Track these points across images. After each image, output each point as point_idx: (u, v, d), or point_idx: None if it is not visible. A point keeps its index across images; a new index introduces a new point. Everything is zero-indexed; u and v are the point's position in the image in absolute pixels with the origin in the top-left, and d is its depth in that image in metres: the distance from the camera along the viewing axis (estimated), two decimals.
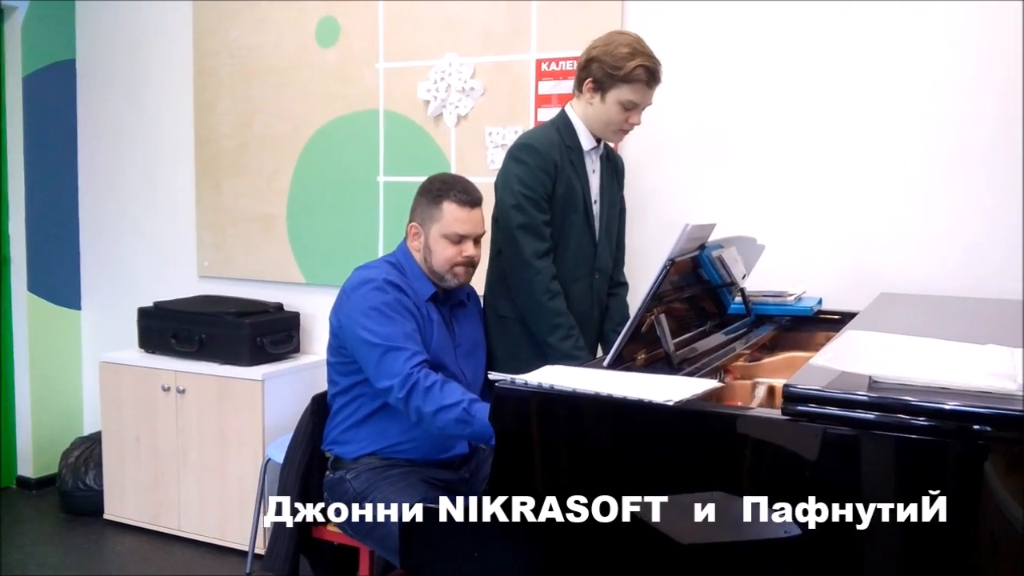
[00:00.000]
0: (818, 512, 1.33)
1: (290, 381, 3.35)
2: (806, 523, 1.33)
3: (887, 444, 1.29)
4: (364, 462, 2.22)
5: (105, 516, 3.59)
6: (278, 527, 2.29)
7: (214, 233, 3.76)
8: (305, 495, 2.30)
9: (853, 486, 1.32)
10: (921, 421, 1.27)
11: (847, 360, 1.47)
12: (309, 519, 2.30)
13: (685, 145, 2.91)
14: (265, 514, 3.01)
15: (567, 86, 2.91)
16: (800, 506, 1.34)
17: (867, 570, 1.33)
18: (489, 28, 3.14)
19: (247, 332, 3.32)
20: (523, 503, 1.57)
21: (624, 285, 2.63)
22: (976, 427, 1.23)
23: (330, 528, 2.32)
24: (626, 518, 1.46)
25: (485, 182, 2.56)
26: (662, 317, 1.82)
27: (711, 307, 2.23)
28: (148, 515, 3.49)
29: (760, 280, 2.54)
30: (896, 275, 2.65)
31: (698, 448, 1.43)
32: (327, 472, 2.28)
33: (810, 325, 2.45)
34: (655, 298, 1.78)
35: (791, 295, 2.51)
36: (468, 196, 2.26)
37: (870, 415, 1.30)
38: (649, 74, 2.29)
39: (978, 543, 1.27)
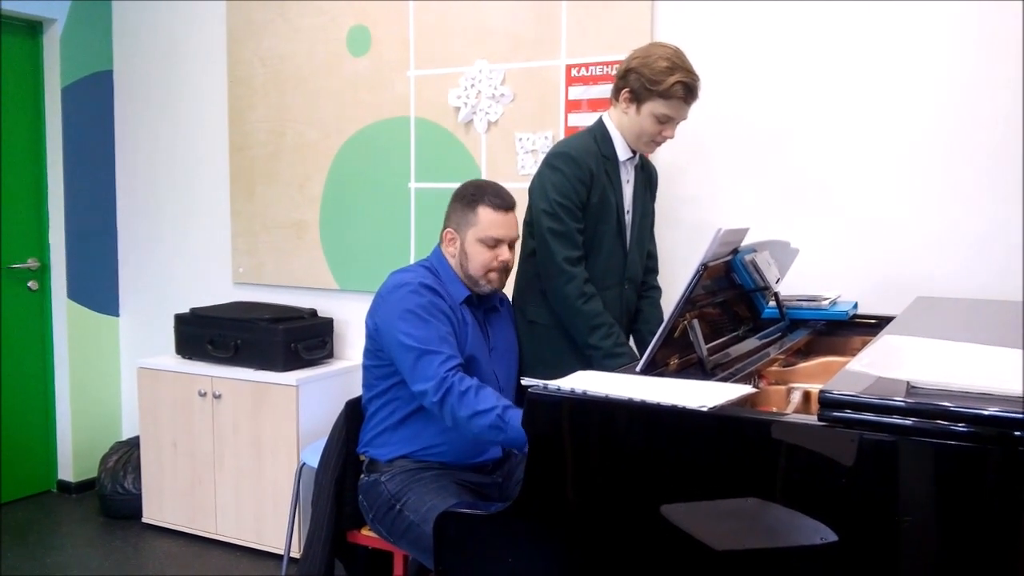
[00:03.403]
0: (855, 519, 1.32)
1: (324, 386, 3.38)
2: (842, 530, 1.32)
3: (925, 451, 1.28)
4: (398, 464, 2.23)
5: (143, 520, 3.65)
6: (313, 531, 2.31)
7: (248, 240, 3.81)
8: (340, 499, 2.32)
9: (890, 493, 1.30)
10: (960, 427, 1.25)
11: (884, 365, 1.45)
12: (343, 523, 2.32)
13: (718, 150, 2.90)
14: (300, 518, 3.04)
15: (597, 91, 2.92)
16: (836, 513, 1.32)
17: None
18: (519, 34, 3.15)
19: (281, 338, 3.36)
20: (556, 508, 1.57)
21: (657, 289, 2.63)
22: (1017, 433, 1.22)
23: (364, 532, 2.33)
24: (660, 525, 1.46)
25: (516, 187, 2.57)
26: (695, 322, 1.82)
27: (745, 312, 2.22)
28: (185, 519, 3.54)
29: (794, 284, 2.52)
30: (933, 279, 2.62)
31: (732, 454, 1.42)
32: (361, 475, 2.30)
33: (846, 330, 2.42)
34: (688, 303, 1.77)
35: (826, 299, 2.49)
36: (502, 200, 2.28)
37: (908, 421, 1.28)
38: (687, 90, 2.28)
39: (1019, 551, 1.25)
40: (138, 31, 4.04)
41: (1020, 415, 1.22)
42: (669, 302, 2.46)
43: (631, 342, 2.54)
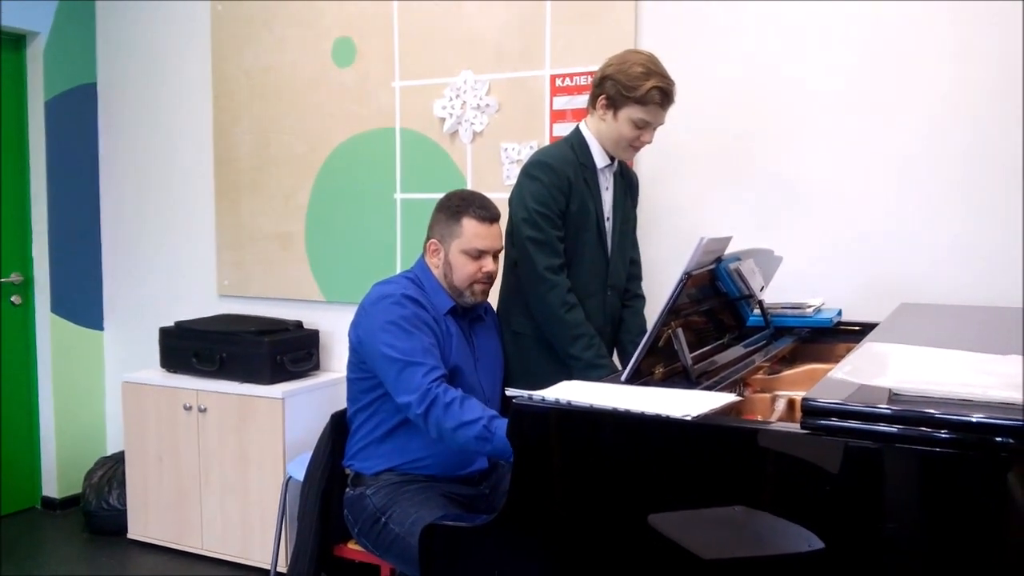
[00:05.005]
0: (840, 526, 1.32)
1: (310, 399, 3.36)
2: (828, 538, 1.32)
3: (909, 457, 1.28)
4: (384, 478, 2.22)
5: (129, 535, 3.61)
6: (300, 545, 2.30)
7: (234, 253, 3.80)
8: (326, 512, 2.31)
9: (875, 500, 1.30)
10: (943, 434, 1.25)
11: (867, 372, 1.45)
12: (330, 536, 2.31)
13: (701, 157, 2.91)
14: (286, 533, 3.02)
15: (581, 101, 2.92)
16: (821, 520, 1.32)
17: None
18: (503, 45, 3.16)
19: (267, 350, 3.34)
20: (542, 519, 1.56)
21: (641, 298, 2.63)
22: (999, 439, 1.22)
23: (351, 545, 2.32)
24: (646, 534, 1.45)
25: (501, 198, 2.57)
26: (679, 331, 1.82)
27: (729, 320, 2.22)
28: (171, 534, 3.51)
29: (779, 292, 2.53)
30: (916, 285, 2.63)
31: (718, 463, 1.42)
32: (347, 489, 2.28)
33: (830, 337, 2.43)
34: (672, 312, 1.77)
35: (810, 306, 2.49)
36: (487, 212, 2.28)
37: (892, 428, 1.28)
38: (663, 95, 2.29)
39: (1003, 557, 1.25)
40: (122, 44, 4.03)
41: (1002, 421, 1.22)
42: (653, 311, 2.47)
43: (614, 353, 2.53)
